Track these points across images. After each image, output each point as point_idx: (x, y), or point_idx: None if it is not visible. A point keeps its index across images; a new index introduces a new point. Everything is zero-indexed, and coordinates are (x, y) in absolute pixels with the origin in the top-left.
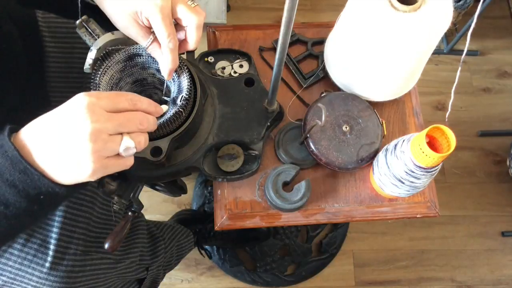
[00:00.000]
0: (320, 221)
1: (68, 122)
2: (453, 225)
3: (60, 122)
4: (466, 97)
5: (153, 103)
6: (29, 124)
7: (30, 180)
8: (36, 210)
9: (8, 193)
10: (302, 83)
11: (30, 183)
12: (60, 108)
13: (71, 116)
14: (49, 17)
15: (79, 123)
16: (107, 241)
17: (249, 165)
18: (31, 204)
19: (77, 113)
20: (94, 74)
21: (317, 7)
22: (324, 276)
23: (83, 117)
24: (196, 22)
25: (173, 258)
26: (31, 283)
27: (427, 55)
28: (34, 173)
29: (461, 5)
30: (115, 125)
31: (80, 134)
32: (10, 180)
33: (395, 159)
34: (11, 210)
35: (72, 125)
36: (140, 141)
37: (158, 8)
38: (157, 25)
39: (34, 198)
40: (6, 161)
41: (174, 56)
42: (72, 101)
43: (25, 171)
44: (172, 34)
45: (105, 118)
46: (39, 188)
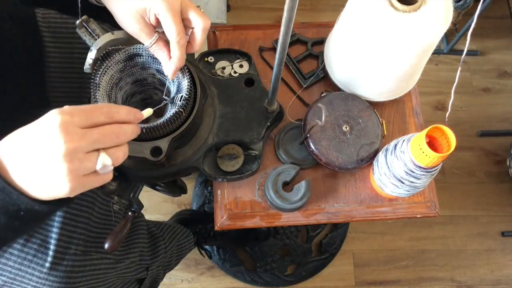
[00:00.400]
0: (320, 221)
1: (42, 142)
2: (453, 225)
3: (34, 142)
4: (466, 97)
5: (132, 110)
6: (5, 140)
7: (9, 198)
8: (17, 226)
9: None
10: (302, 83)
11: (8, 200)
12: (34, 126)
13: (44, 136)
14: (49, 17)
15: (53, 143)
16: (107, 241)
17: (249, 165)
18: (11, 220)
19: (50, 133)
20: (94, 74)
21: (317, 7)
22: (324, 276)
23: (56, 137)
24: (204, 25)
25: (173, 258)
26: (31, 283)
27: (427, 55)
28: (12, 192)
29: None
30: (90, 143)
31: (54, 155)
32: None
33: (395, 159)
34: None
35: (46, 146)
36: (118, 156)
37: (169, 5)
38: (168, 22)
39: (14, 215)
40: None
41: (182, 53)
42: (45, 119)
43: (3, 190)
44: (182, 31)
45: (79, 136)
46: (18, 205)
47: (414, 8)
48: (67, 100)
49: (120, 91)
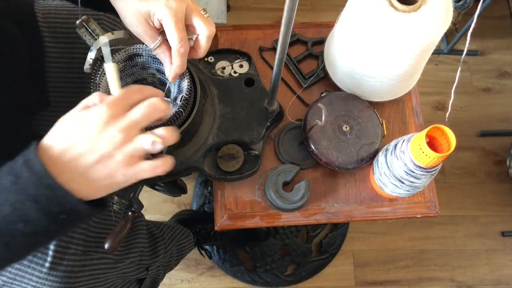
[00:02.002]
0: (320, 221)
1: (94, 133)
2: (453, 225)
3: (83, 133)
4: (466, 97)
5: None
6: (50, 138)
7: (55, 195)
8: (53, 230)
9: (30, 209)
10: (302, 83)
11: (54, 199)
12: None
13: (95, 127)
14: (49, 17)
15: (107, 133)
16: (107, 241)
17: (249, 165)
18: (51, 222)
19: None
20: (94, 74)
21: (317, 7)
22: (324, 276)
23: (109, 127)
24: (208, 32)
25: (173, 258)
26: (31, 283)
27: (427, 55)
28: (59, 189)
29: (461, 5)
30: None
31: (109, 144)
32: (34, 195)
33: (395, 159)
34: (30, 228)
35: (100, 137)
36: (163, 133)
37: (173, 12)
38: (170, 28)
39: (55, 216)
40: (32, 176)
41: (183, 61)
42: (92, 111)
43: (50, 187)
44: (184, 39)
45: (128, 120)
46: (63, 205)
47: (414, 8)
48: (67, 100)
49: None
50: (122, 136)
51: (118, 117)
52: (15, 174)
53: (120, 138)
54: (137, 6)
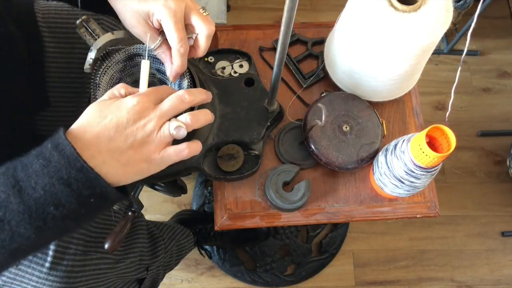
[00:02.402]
0: (320, 221)
1: (127, 121)
2: (453, 225)
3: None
4: (466, 97)
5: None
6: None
7: (86, 178)
8: (82, 214)
9: (62, 193)
10: (302, 83)
11: (85, 182)
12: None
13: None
14: (49, 17)
15: (138, 122)
16: (107, 241)
17: (249, 165)
18: (80, 206)
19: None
20: (94, 74)
21: (317, 7)
22: (324, 276)
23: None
24: (208, 31)
25: (173, 258)
26: (31, 283)
27: (427, 55)
28: (90, 171)
29: (461, 5)
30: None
31: (140, 131)
32: (65, 179)
33: (395, 159)
34: (60, 211)
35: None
36: (187, 119)
37: (172, 12)
38: (169, 29)
39: (85, 200)
40: (63, 159)
41: (183, 60)
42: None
43: (82, 169)
44: (184, 39)
45: (158, 110)
46: (93, 188)
47: (414, 8)
48: (67, 100)
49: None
50: (153, 125)
51: (149, 108)
52: (45, 157)
53: (152, 126)
54: (136, 7)
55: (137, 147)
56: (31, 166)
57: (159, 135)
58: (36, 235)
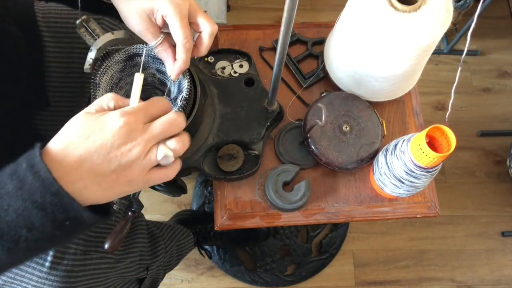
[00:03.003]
0: (320, 221)
1: (111, 144)
2: (453, 225)
3: (100, 143)
4: (466, 97)
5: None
6: (60, 142)
7: (61, 203)
8: (57, 236)
9: (35, 216)
10: (302, 83)
11: (60, 206)
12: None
13: (112, 138)
14: (49, 17)
15: (124, 146)
16: (107, 241)
17: (249, 165)
18: (55, 229)
19: (119, 135)
20: (94, 74)
21: (317, 7)
22: (324, 276)
23: (127, 139)
24: (211, 30)
25: (173, 258)
26: (31, 283)
27: (427, 55)
28: (66, 196)
29: (461, 5)
30: (156, 137)
31: (125, 156)
32: (40, 202)
33: (395, 159)
34: (33, 234)
35: (116, 148)
36: (176, 146)
37: (178, 8)
38: (175, 24)
39: (60, 223)
40: (37, 182)
41: (187, 57)
42: (110, 121)
43: (57, 194)
44: (189, 36)
45: (146, 134)
46: (67, 212)
47: (414, 8)
48: (67, 100)
49: (120, 91)
50: (139, 150)
51: (136, 130)
52: (20, 178)
53: (138, 152)
54: (141, 3)
55: (120, 171)
56: (3, 187)
57: (145, 161)
58: (8, 256)
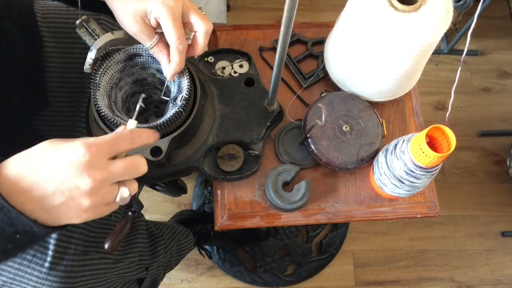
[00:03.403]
0: (320, 221)
1: (68, 177)
2: (453, 225)
3: (57, 174)
4: (466, 97)
5: (152, 132)
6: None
7: (7, 217)
8: (9, 249)
9: None
10: (302, 83)
11: (6, 221)
12: (57, 159)
13: (71, 172)
14: (49, 17)
15: (80, 180)
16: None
17: (249, 165)
18: (6, 242)
19: (78, 169)
20: (94, 74)
21: (317, 7)
22: (324, 276)
23: (85, 174)
24: (206, 29)
25: (173, 258)
26: (30, 283)
27: (427, 55)
28: (11, 211)
29: (461, 5)
30: (117, 176)
31: (80, 191)
32: None
33: (395, 159)
34: None
35: (73, 182)
36: (135, 188)
37: (170, 10)
38: (168, 26)
39: (10, 237)
40: None
41: (181, 58)
42: (71, 154)
43: (2, 209)
44: (182, 36)
45: (106, 171)
46: (16, 225)
47: (414, 8)
48: (66, 100)
49: (120, 91)
50: (93, 186)
51: (96, 166)
52: None
53: (91, 187)
54: (134, 6)
55: (71, 204)
56: None
57: (99, 198)
58: None
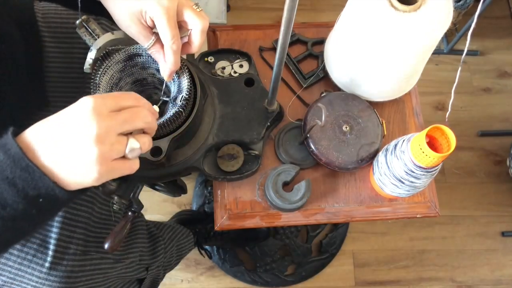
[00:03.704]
0: (320, 221)
1: (75, 125)
2: (453, 225)
3: (66, 125)
4: (466, 97)
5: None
6: (34, 126)
7: (31, 178)
8: (33, 214)
9: (7, 192)
10: (302, 83)
11: (30, 182)
12: (66, 111)
13: (77, 119)
14: (49, 17)
15: (86, 126)
16: (107, 241)
17: (249, 165)
18: (29, 206)
19: (84, 115)
20: (94, 74)
21: (317, 7)
22: (324, 276)
23: (90, 119)
24: (201, 26)
25: (173, 258)
26: (30, 283)
27: (427, 55)
28: (35, 171)
29: (461, 5)
30: (121, 122)
31: (87, 137)
32: (10, 178)
33: (395, 159)
34: (8, 211)
35: (79, 128)
36: (145, 142)
37: (164, 9)
38: (162, 26)
39: (33, 200)
40: (8, 159)
41: (176, 58)
42: (78, 104)
43: (27, 169)
44: (176, 36)
45: (110, 117)
46: (39, 188)
47: (414, 8)
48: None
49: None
50: (99, 133)
51: (100, 112)
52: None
53: (97, 134)
54: (129, 6)
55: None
56: None
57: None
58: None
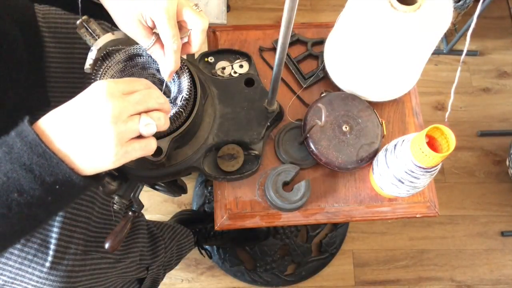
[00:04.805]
0: (320, 221)
1: (90, 107)
2: (453, 225)
3: (81, 108)
4: (466, 97)
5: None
6: (49, 113)
7: (48, 164)
8: (49, 202)
9: (24, 179)
10: (302, 83)
11: (47, 168)
12: (80, 96)
13: (92, 102)
14: (49, 17)
15: (101, 107)
16: (108, 241)
17: (249, 165)
18: (45, 193)
19: (98, 98)
20: (95, 74)
21: (317, 7)
22: (324, 276)
23: (104, 101)
24: (201, 26)
25: (173, 258)
26: (31, 283)
27: (427, 55)
28: (53, 157)
29: (461, 5)
30: (134, 103)
31: (102, 118)
32: (28, 165)
33: (394, 159)
34: (24, 198)
35: (94, 110)
36: (160, 117)
37: (164, 9)
38: (162, 26)
39: (50, 187)
40: (25, 145)
41: (177, 57)
42: (92, 88)
43: (44, 155)
44: (176, 35)
45: (123, 99)
46: (56, 174)
47: (414, 8)
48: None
49: None
50: (114, 113)
51: (113, 94)
52: (8, 144)
53: (112, 114)
54: (129, 7)
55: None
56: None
57: (124, 128)
58: (2, 223)
